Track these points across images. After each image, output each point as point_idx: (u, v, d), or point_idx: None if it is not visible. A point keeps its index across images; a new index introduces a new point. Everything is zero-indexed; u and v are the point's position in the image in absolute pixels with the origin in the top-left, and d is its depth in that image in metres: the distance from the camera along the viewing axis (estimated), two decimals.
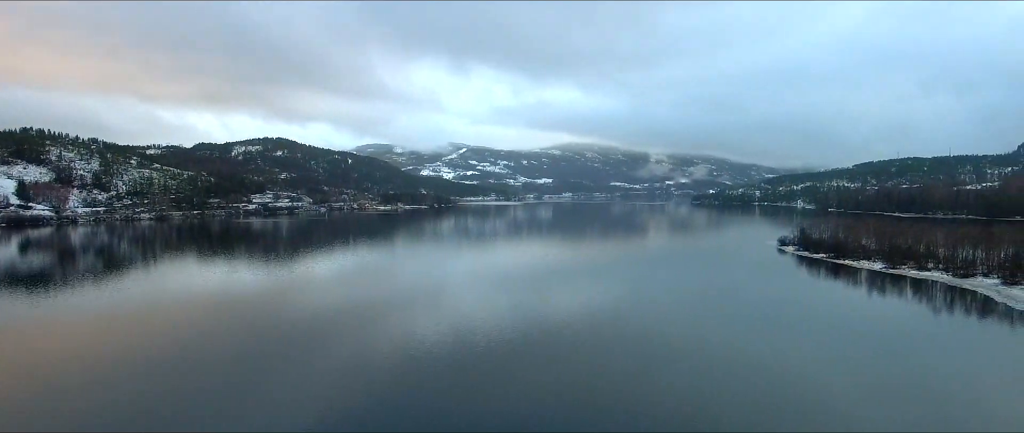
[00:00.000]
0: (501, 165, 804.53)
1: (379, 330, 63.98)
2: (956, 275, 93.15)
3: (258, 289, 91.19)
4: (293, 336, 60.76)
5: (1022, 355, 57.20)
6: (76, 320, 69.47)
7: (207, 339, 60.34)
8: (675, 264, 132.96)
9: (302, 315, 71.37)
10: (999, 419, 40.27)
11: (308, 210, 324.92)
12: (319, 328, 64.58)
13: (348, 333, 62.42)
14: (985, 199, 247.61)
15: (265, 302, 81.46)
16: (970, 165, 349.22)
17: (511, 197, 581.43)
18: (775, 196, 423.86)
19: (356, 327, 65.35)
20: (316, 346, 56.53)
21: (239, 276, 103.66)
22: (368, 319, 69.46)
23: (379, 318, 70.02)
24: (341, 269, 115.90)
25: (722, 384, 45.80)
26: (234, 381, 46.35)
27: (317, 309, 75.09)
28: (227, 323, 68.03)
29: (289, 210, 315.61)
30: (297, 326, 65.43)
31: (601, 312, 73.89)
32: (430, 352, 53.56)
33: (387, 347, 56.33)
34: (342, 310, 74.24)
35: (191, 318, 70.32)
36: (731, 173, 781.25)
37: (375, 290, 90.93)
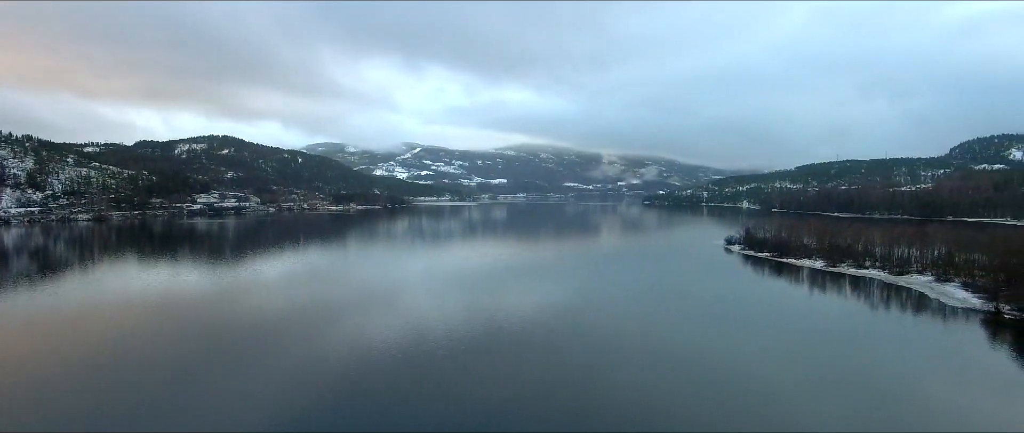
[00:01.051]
0: (456, 165, 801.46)
1: (331, 332, 63.14)
2: (892, 273, 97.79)
3: (203, 292, 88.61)
4: (240, 340, 59.41)
5: (955, 349, 60.54)
6: (5, 326, 66.12)
7: (148, 345, 58.22)
8: (627, 263, 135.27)
9: (250, 319, 69.78)
10: (934, 409, 42.70)
11: (256, 210, 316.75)
12: (268, 331, 63.32)
13: (299, 336, 61.34)
14: (919, 200, 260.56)
15: (211, 306, 79.23)
16: (905, 167, 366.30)
17: (466, 197, 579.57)
18: (722, 197, 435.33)
19: (307, 330, 64.26)
20: (264, 350, 55.43)
21: (183, 279, 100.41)
22: (320, 321, 68.41)
23: (331, 320, 69.08)
24: (291, 271, 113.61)
25: (674, 380, 47.13)
26: (175, 388, 45.01)
27: (266, 312, 73.52)
28: (170, 328, 65.75)
29: (236, 210, 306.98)
30: (244, 330, 63.96)
31: (556, 311, 74.73)
32: (384, 353, 53.23)
33: (339, 349, 55.69)
34: (292, 313, 72.86)
35: (131, 323, 67.77)
36: (680, 174, 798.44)
37: (327, 292, 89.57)
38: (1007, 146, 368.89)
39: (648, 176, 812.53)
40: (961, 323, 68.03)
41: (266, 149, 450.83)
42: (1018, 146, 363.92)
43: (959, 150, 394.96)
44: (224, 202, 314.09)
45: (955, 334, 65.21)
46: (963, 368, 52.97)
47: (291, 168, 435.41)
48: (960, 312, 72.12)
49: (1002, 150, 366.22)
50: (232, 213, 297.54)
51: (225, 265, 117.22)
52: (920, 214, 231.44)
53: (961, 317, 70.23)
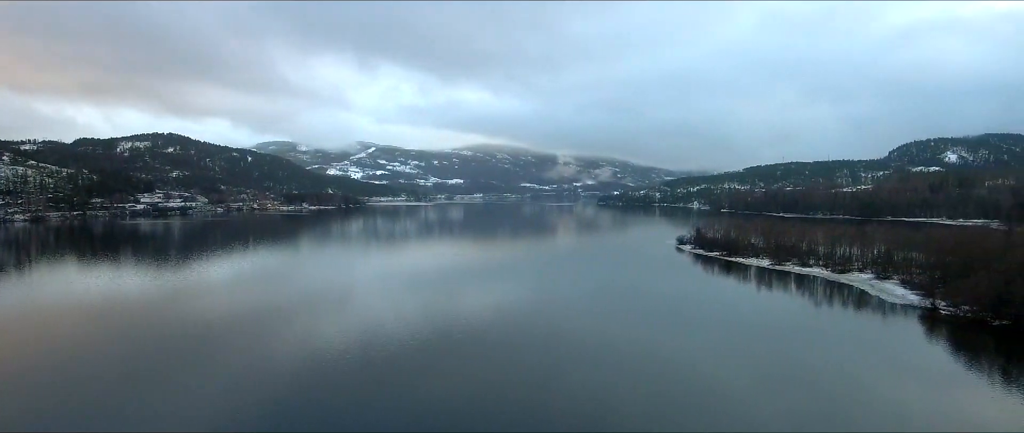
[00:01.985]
0: (411, 165, 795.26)
1: (283, 335, 61.76)
2: (835, 271, 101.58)
3: (147, 296, 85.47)
4: (186, 346, 57.58)
5: (894, 344, 63.23)
6: None
7: (88, 352, 55.95)
8: (583, 263, 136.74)
9: (196, 323, 67.63)
10: (874, 402, 44.55)
11: (203, 211, 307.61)
12: (216, 336, 61.61)
13: (248, 340, 59.93)
14: (860, 200, 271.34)
15: (155, 310, 76.47)
16: (846, 169, 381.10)
17: (422, 198, 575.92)
18: (674, 197, 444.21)
19: (257, 333, 62.83)
20: (212, 355, 53.97)
21: (125, 282, 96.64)
22: (271, 325, 66.86)
23: (283, 323, 67.61)
24: (240, 273, 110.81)
25: (627, 378, 47.91)
26: (115, 398, 43.36)
27: (214, 316, 71.43)
28: (111, 334, 63.29)
29: (182, 211, 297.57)
30: (191, 335, 61.95)
31: (512, 311, 75.09)
32: (337, 354, 52.47)
33: (291, 352, 54.63)
34: (242, 316, 71.13)
35: (69, 329, 65.03)
36: (634, 175, 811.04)
37: (278, 294, 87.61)
38: (942, 149, 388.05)
39: (603, 177, 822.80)
40: (900, 319, 71.17)
41: (214, 147, 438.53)
42: (953, 149, 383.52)
43: (897, 153, 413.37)
44: (169, 202, 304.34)
45: (894, 330, 68.16)
46: (902, 363, 55.42)
47: (240, 167, 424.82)
48: (899, 308, 75.43)
49: (938, 153, 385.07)
50: (178, 214, 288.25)
51: (171, 267, 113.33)
52: (861, 214, 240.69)
53: (900, 313, 73.47)
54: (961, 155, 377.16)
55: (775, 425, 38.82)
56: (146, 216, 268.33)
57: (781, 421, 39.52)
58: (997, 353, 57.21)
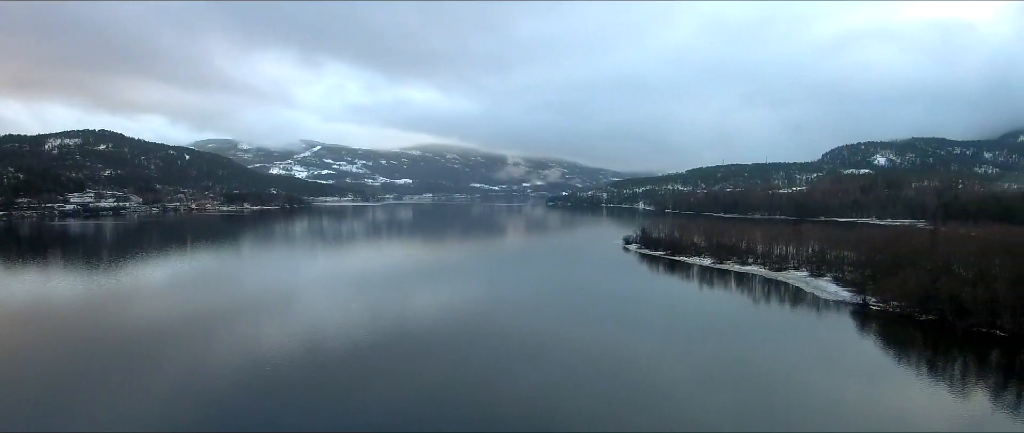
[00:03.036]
0: (359, 164, 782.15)
1: (221, 340, 59.84)
2: (772, 269, 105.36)
3: (78, 300, 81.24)
4: (118, 352, 54.98)
5: (828, 339, 66.07)
6: None
7: (11, 359, 52.81)
8: (531, 263, 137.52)
9: (130, 328, 64.79)
10: (810, 396, 46.49)
11: (138, 211, 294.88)
12: (150, 341, 58.98)
13: (184, 345, 57.62)
14: (795, 201, 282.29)
15: (85, 315, 72.92)
16: (783, 171, 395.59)
17: (370, 198, 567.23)
18: (620, 198, 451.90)
19: (194, 338, 60.54)
20: (145, 361, 51.70)
21: (54, 286, 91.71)
22: (209, 329, 64.64)
23: (221, 327, 65.49)
24: (177, 276, 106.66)
25: (574, 377, 48.42)
26: (39, 407, 41.10)
27: (148, 320, 68.53)
28: (37, 340, 59.81)
29: (115, 211, 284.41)
30: (123, 341, 59.25)
31: (461, 312, 74.86)
32: (278, 358, 51.12)
33: (230, 356, 52.95)
34: (178, 321, 68.37)
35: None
36: (582, 176, 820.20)
37: (217, 297, 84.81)
38: (872, 152, 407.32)
39: (552, 178, 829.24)
40: (833, 315, 74.37)
41: (149, 145, 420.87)
42: (882, 152, 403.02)
43: (830, 155, 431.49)
44: (101, 202, 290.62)
45: (828, 326, 71.13)
46: (836, 358, 57.93)
47: (177, 166, 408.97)
48: (832, 305, 78.80)
49: (868, 156, 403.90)
50: (110, 214, 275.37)
51: (103, 271, 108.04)
52: (796, 214, 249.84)
53: (833, 309, 76.77)
54: (889, 158, 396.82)
55: (718, 421, 39.96)
56: (76, 217, 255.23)
57: (724, 417, 40.72)
58: (924, 347, 60.51)
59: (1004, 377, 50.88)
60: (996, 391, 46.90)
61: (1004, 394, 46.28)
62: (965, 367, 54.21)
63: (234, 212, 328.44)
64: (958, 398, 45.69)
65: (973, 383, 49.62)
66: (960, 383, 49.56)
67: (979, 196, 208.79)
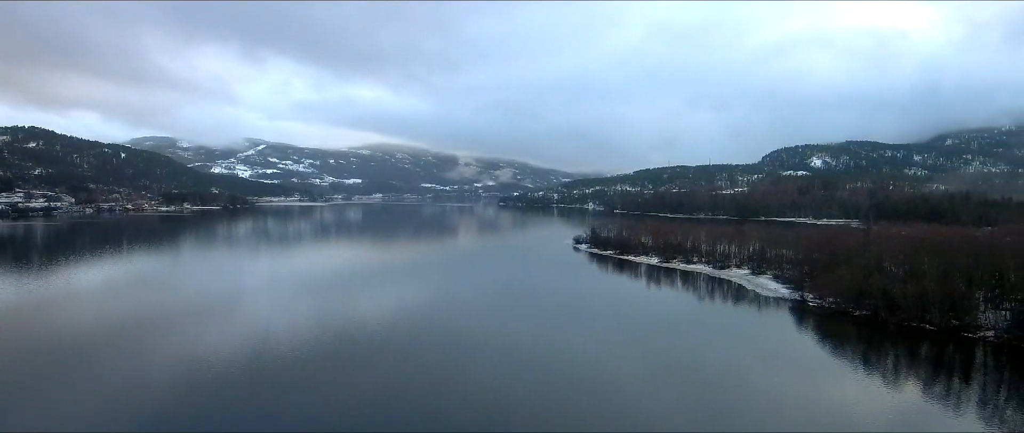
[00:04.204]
0: (305, 163, 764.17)
1: (159, 344, 57.35)
2: (716, 267, 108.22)
3: (6, 305, 76.65)
4: (49, 358, 52.10)
5: (769, 334, 68.34)
6: None
7: None
8: (483, 263, 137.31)
9: (63, 334, 61.54)
10: (753, 389, 47.77)
11: (70, 211, 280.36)
12: (84, 347, 56.22)
13: (121, 351, 54.98)
14: (737, 202, 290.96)
15: (14, 320, 68.79)
16: (725, 173, 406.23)
17: (317, 198, 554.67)
18: (571, 199, 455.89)
19: (131, 344, 57.79)
20: (78, 367, 49.14)
21: None
22: (146, 335, 61.86)
23: (160, 333, 62.79)
24: (112, 279, 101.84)
25: (525, 378, 48.46)
26: None
27: (82, 326, 65.26)
28: None
29: (45, 211, 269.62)
30: (56, 346, 56.21)
31: (411, 313, 73.98)
32: (220, 363, 49.40)
33: (168, 362, 50.77)
34: (113, 326, 65.43)
35: None
36: (533, 177, 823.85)
37: (154, 301, 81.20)
38: (809, 155, 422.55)
39: (503, 178, 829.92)
40: (773, 311, 76.86)
41: (82, 142, 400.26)
42: (818, 155, 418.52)
43: (770, 158, 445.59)
44: (31, 202, 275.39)
45: (769, 321, 73.49)
46: (776, 352, 59.95)
47: (113, 164, 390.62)
48: (772, 301, 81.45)
49: (805, 158, 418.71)
50: (40, 215, 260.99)
51: (32, 274, 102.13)
52: (738, 215, 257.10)
53: (773, 306, 79.35)
54: (825, 160, 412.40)
55: (665, 419, 40.67)
56: (4, 217, 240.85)
57: (670, 415, 41.55)
58: (859, 341, 63.20)
59: (933, 369, 53.62)
60: (926, 383, 49.31)
61: (934, 386, 48.71)
62: (897, 360, 56.85)
63: (173, 213, 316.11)
64: (891, 390, 47.79)
65: (904, 375, 52.05)
66: (892, 376, 51.89)
67: (909, 197, 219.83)
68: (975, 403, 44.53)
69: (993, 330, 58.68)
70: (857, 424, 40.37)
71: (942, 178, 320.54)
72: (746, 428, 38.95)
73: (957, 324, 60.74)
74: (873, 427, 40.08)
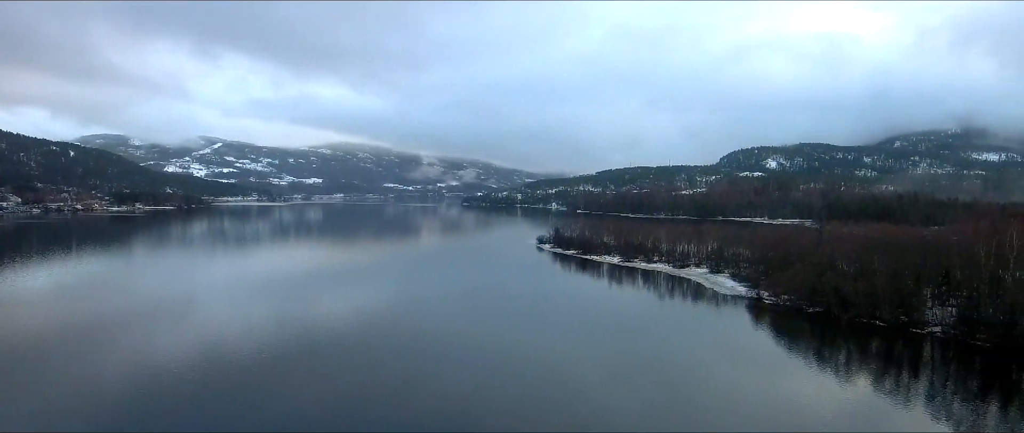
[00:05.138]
0: (264, 162, 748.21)
1: (112, 349, 55.39)
2: (675, 266, 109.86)
3: None
4: None
5: (727, 331, 69.53)
6: None
7: None
8: (447, 264, 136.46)
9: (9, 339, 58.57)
10: (712, 385, 48.50)
11: (16, 212, 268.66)
12: (32, 352, 53.59)
13: (69, 356, 52.62)
14: (696, 202, 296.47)
15: None
16: (685, 174, 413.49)
17: (276, 198, 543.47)
18: (534, 199, 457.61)
19: (81, 348, 55.48)
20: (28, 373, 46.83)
21: None
22: (97, 339, 59.56)
23: (112, 336, 60.56)
24: (60, 283, 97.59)
25: (490, 379, 48.25)
26: None
27: (28, 331, 62.23)
28: None
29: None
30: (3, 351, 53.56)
31: (373, 315, 72.97)
32: (173, 370, 47.68)
33: (121, 368, 49.05)
34: (63, 330, 62.77)
35: None
36: (497, 177, 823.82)
37: (106, 305, 78.28)
38: (764, 156, 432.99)
39: (467, 178, 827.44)
40: (731, 309, 78.31)
41: (29, 140, 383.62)
42: (773, 156, 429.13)
43: (727, 159, 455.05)
44: None
45: (727, 319, 74.85)
46: (734, 348, 61.01)
47: (61, 163, 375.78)
48: (730, 299, 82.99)
49: (761, 160, 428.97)
50: None
51: None
52: (697, 214, 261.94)
53: (731, 303, 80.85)
54: (780, 162, 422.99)
55: (627, 418, 40.86)
56: None
57: (632, 413, 41.78)
58: (812, 337, 64.85)
59: (884, 364, 55.31)
60: (877, 377, 50.77)
61: (884, 380, 50.18)
62: (849, 356, 58.51)
63: (125, 213, 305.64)
64: (843, 385, 49.08)
65: (856, 370, 53.50)
66: (845, 370, 53.33)
67: (860, 198, 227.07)
68: (923, 397, 46.04)
69: (940, 326, 60.84)
70: (812, 419, 41.27)
71: (891, 179, 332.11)
72: (707, 425, 39.38)
73: (906, 320, 62.81)
74: (827, 421, 41.01)
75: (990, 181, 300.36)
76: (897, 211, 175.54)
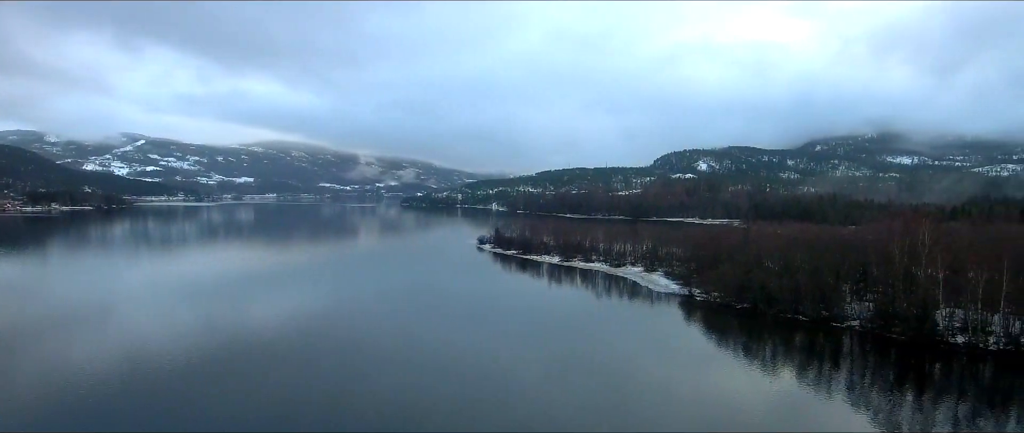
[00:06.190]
0: (191, 161, 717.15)
1: (20, 359, 51.81)
2: (612, 265, 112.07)
3: None
4: None
5: (661, 328, 71.73)
6: None
7: None
8: (386, 265, 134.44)
9: None
10: (648, 381, 49.69)
11: None
12: None
13: None
14: (632, 203, 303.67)
15: None
16: (621, 175, 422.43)
17: (204, 197, 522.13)
18: (475, 199, 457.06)
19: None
20: None
21: None
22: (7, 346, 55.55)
23: (20, 345, 56.65)
24: None
25: (430, 380, 47.80)
26: None
27: None
28: None
29: None
30: None
31: (308, 318, 70.95)
32: (95, 376, 45.17)
33: (30, 377, 46.05)
34: None
35: None
36: (437, 177, 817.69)
37: (15, 312, 73.45)
38: (696, 159, 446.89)
39: (406, 178, 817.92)
40: (665, 306, 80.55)
41: None
42: (704, 159, 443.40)
43: (661, 161, 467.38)
44: None
45: (661, 316, 77.03)
46: (668, 344, 63.00)
47: None
48: (664, 297, 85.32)
49: (693, 162, 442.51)
50: None
51: None
52: (633, 215, 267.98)
53: (664, 301, 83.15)
54: (710, 164, 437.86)
55: (567, 416, 41.36)
56: None
57: (574, 408, 42.40)
58: (740, 332, 67.39)
59: (807, 357, 58.11)
60: (801, 370, 53.29)
61: (807, 372, 52.74)
62: (774, 349, 61.21)
63: (40, 213, 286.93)
64: (770, 378, 51.27)
65: (781, 363, 55.99)
66: (771, 364, 55.71)
67: (784, 199, 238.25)
68: (843, 388, 48.59)
69: (858, 320, 64.35)
70: (741, 412, 42.96)
71: (813, 181, 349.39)
72: (643, 422, 40.28)
73: (827, 315, 66.14)
74: (755, 414, 42.74)
75: (904, 183, 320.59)
76: (818, 212, 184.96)
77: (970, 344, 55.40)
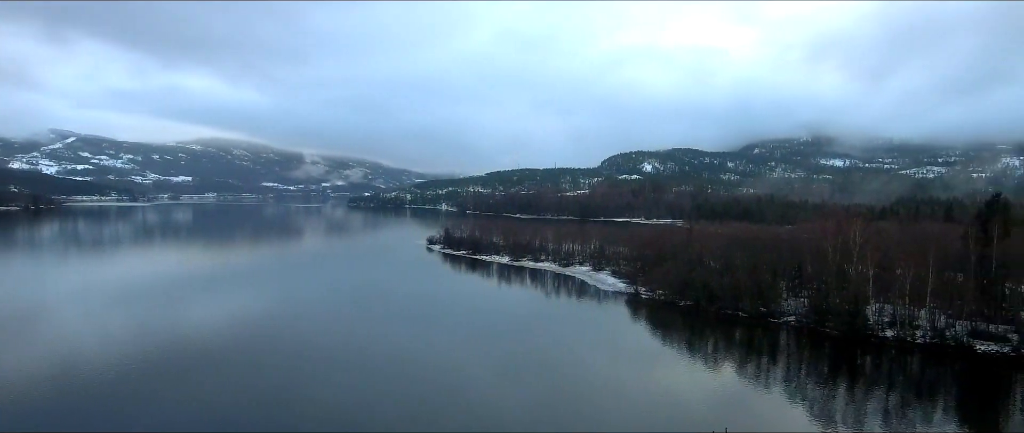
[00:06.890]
0: (125, 159, 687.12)
1: None
2: (561, 265, 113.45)
3: None
4: None
5: (608, 326, 73.08)
6: None
7: None
8: (333, 266, 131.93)
9: None
10: (596, 378, 50.60)
11: None
12: None
13: None
14: (580, 203, 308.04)
15: None
16: (569, 176, 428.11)
17: (139, 197, 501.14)
18: (424, 199, 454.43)
19: None
20: None
21: None
22: None
23: None
24: None
25: (379, 382, 47.46)
26: None
27: None
28: None
29: None
30: None
31: (251, 322, 68.88)
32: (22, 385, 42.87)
33: None
34: None
35: None
36: (385, 177, 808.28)
37: None
38: (641, 160, 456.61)
39: (354, 178, 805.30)
40: (612, 304, 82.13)
41: None
42: (648, 161, 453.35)
43: (608, 163, 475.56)
44: None
45: (608, 314, 78.48)
46: (615, 342, 64.21)
47: None
48: (611, 295, 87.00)
49: (638, 163, 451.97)
50: None
51: None
52: (581, 215, 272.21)
53: (612, 299, 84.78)
54: (655, 166, 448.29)
55: (517, 415, 41.79)
56: None
57: (524, 406, 42.91)
58: (684, 328, 69.49)
59: (746, 351, 60.33)
60: (740, 364, 55.31)
61: (747, 366, 54.78)
62: (716, 345, 63.36)
63: None
64: (711, 372, 53.05)
65: (722, 358, 57.97)
66: (713, 359, 57.64)
67: (724, 199, 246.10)
68: (781, 380, 50.70)
69: (794, 316, 67.26)
70: (685, 406, 44.35)
71: (751, 183, 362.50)
72: (592, 419, 41.04)
73: (765, 311, 68.86)
74: (698, 408, 44.13)
75: (837, 184, 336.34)
76: (756, 212, 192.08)
77: (899, 338, 58.73)
